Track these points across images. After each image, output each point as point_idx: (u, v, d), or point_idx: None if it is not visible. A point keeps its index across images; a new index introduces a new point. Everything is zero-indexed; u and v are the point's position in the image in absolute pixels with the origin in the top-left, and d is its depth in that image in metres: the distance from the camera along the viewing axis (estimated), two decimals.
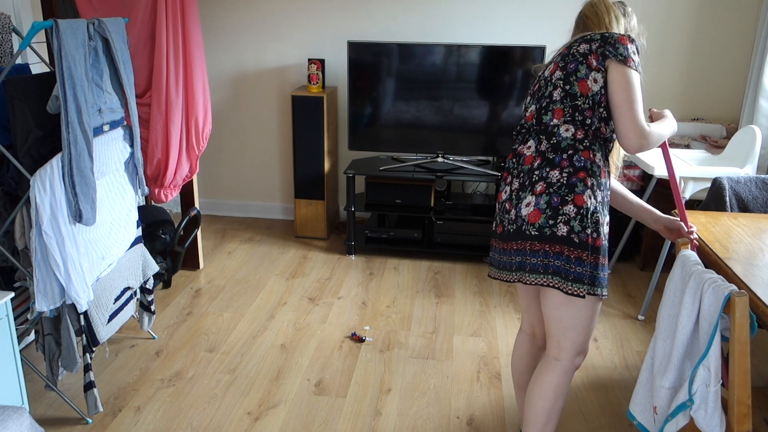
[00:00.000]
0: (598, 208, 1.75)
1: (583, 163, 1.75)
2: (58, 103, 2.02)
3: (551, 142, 1.78)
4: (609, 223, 1.82)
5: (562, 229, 1.72)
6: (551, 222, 1.73)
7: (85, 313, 2.22)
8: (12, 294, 1.97)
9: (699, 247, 1.93)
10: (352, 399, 2.46)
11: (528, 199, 1.77)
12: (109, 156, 2.35)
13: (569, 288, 1.73)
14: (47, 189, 1.99)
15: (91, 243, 2.24)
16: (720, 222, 2.11)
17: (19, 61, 2.68)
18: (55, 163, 2.03)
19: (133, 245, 2.57)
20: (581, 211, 1.72)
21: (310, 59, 3.80)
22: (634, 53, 1.73)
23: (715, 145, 3.52)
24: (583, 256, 1.72)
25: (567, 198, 1.73)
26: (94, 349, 2.29)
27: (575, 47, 1.80)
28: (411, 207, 3.77)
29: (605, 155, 1.82)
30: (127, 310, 2.53)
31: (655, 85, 3.85)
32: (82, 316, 2.21)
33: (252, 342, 2.84)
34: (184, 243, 3.35)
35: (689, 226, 1.94)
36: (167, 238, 3.14)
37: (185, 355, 2.72)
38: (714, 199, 2.48)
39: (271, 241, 4.03)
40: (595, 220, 1.74)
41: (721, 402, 1.55)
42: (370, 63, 3.65)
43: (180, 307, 3.14)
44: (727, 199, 2.44)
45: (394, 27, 3.95)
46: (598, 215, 1.75)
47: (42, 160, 2.10)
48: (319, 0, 3.97)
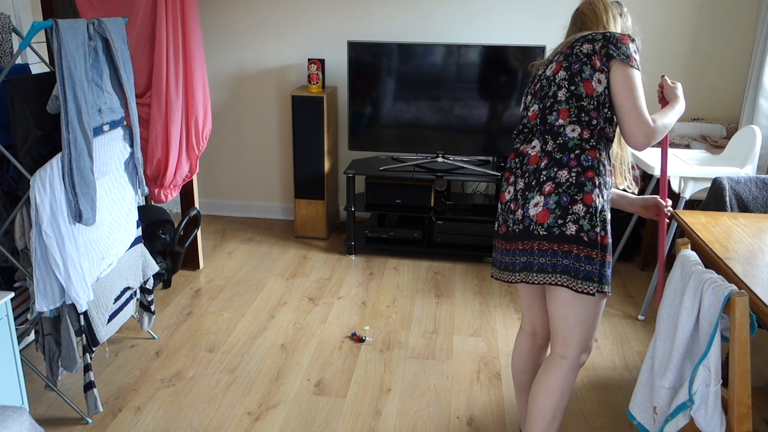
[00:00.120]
0: (605, 207, 1.77)
1: (590, 163, 1.76)
2: (58, 103, 2.02)
3: (557, 142, 1.79)
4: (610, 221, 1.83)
5: (571, 228, 1.73)
6: (560, 221, 1.74)
7: (85, 313, 2.22)
8: (12, 294, 1.97)
9: (699, 246, 1.93)
10: (352, 399, 2.46)
11: (536, 199, 1.78)
12: (109, 156, 2.35)
13: (579, 286, 1.75)
14: (47, 189, 1.99)
15: (91, 243, 2.24)
16: (720, 222, 2.11)
17: (19, 61, 2.68)
18: (55, 163, 2.03)
19: (133, 245, 2.57)
20: (590, 210, 1.73)
21: (310, 59, 3.80)
22: (635, 52, 1.76)
23: (715, 145, 3.52)
24: (592, 254, 1.73)
25: (576, 197, 1.74)
26: (94, 349, 2.29)
27: (578, 47, 1.79)
28: (411, 207, 3.77)
29: (608, 154, 1.83)
30: (127, 310, 2.53)
31: (655, 85, 3.84)
32: (82, 316, 2.21)
33: (252, 342, 2.84)
34: (184, 243, 3.35)
35: (666, 201, 2.01)
36: (167, 238, 3.14)
37: (185, 355, 2.72)
38: (714, 199, 2.48)
39: (271, 241, 4.03)
40: (603, 219, 1.76)
41: (721, 402, 1.55)
42: (370, 63, 3.65)
43: (180, 307, 3.14)
44: (727, 199, 2.44)
45: (394, 27, 3.95)
46: (605, 213, 1.77)
47: (42, 160, 2.10)
48: (319, 0, 3.97)
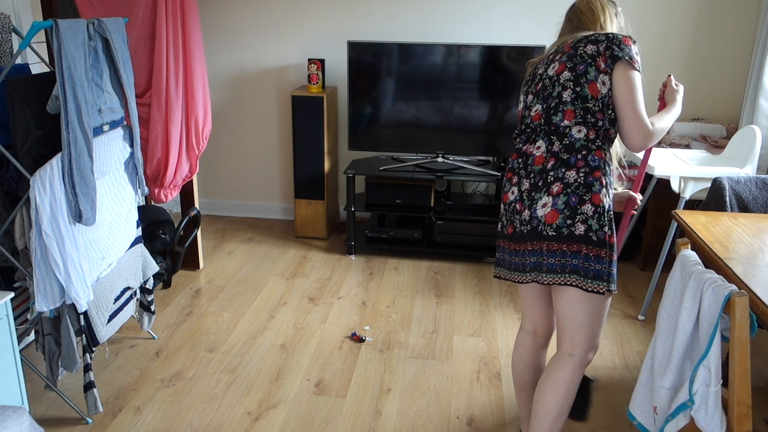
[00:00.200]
0: (611, 206, 1.80)
1: (597, 163, 1.77)
2: (58, 103, 2.02)
3: (564, 142, 1.79)
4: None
5: (580, 228, 1.74)
6: (569, 222, 1.75)
7: (85, 313, 2.22)
8: (12, 294, 1.97)
9: (699, 246, 1.93)
10: (352, 399, 2.46)
11: (544, 199, 1.78)
12: (109, 156, 2.35)
13: (589, 285, 1.76)
14: (47, 189, 1.99)
15: (91, 243, 2.24)
16: (720, 222, 2.11)
17: (19, 61, 2.68)
18: (55, 163, 2.03)
19: (133, 245, 2.57)
20: (598, 210, 1.75)
21: (310, 59, 3.80)
22: (637, 54, 1.77)
23: (715, 145, 3.51)
24: (601, 253, 1.75)
25: (585, 197, 1.75)
26: (94, 349, 2.29)
27: (581, 48, 1.80)
28: (411, 207, 3.77)
29: (611, 154, 1.85)
30: (127, 310, 2.53)
31: (655, 85, 3.84)
32: (82, 316, 2.21)
33: (252, 342, 2.84)
34: (184, 243, 3.35)
35: (637, 194, 2.06)
36: (167, 238, 3.14)
37: (185, 355, 2.72)
38: (714, 199, 2.48)
39: (271, 241, 4.03)
40: (610, 218, 1.77)
41: (722, 402, 1.55)
42: (370, 63, 3.65)
43: (180, 307, 3.14)
44: (727, 199, 2.44)
45: (394, 27, 3.95)
46: (611, 213, 1.79)
47: (42, 160, 2.10)
48: (319, 0, 3.97)
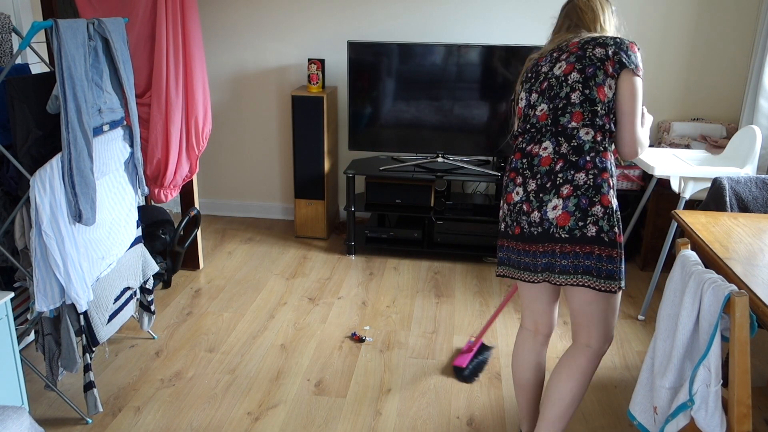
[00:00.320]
0: (618, 206, 1.81)
1: (604, 164, 1.78)
2: (58, 103, 2.02)
3: (572, 144, 1.79)
4: None
5: (592, 230, 1.76)
6: (581, 224, 1.76)
7: (85, 313, 2.22)
8: (12, 294, 1.97)
9: (699, 246, 1.93)
10: (352, 399, 2.46)
11: (554, 202, 1.79)
12: (109, 156, 2.35)
13: (602, 285, 1.78)
14: (47, 189, 1.99)
15: (91, 243, 2.24)
16: (720, 222, 2.11)
17: (19, 61, 2.68)
18: (55, 163, 2.03)
19: (133, 245, 2.57)
20: (608, 211, 1.77)
21: (310, 59, 3.80)
22: (641, 61, 1.79)
23: (715, 145, 3.52)
24: (613, 253, 1.77)
25: (594, 199, 1.76)
26: (93, 349, 2.29)
27: (590, 50, 1.80)
28: (411, 207, 3.77)
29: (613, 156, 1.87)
30: (127, 310, 2.53)
31: (655, 85, 3.85)
32: (81, 316, 2.21)
33: (252, 342, 2.84)
34: (184, 243, 3.35)
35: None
36: (167, 238, 3.14)
37: (185, 355, 2.72)
38: (714, 199, 2.48)
39: (271, 241, 4.03)
40: (618, 218, 1.79)
41: (722, 402, 1.55)
42: (370, 63, 3.65)
43: (180, 307, 3.14)
44: (727, 199, 2.44)
45: (394, 27, 3.95)
46: (619, 212, 1.81)
47: (42, 160, 2.10)
48: (319, 0, 3.97)
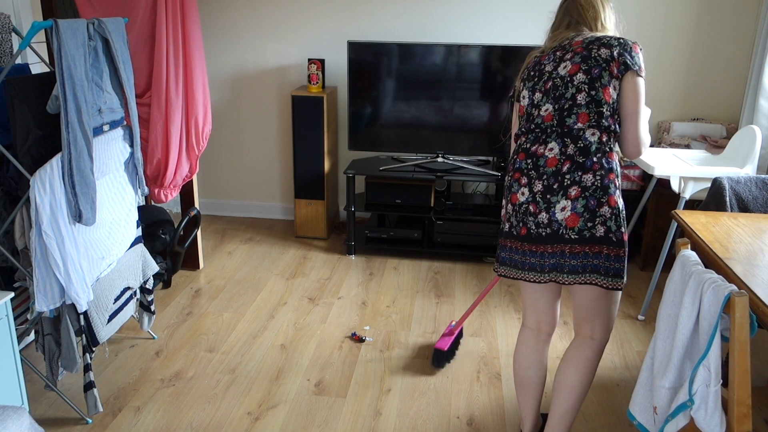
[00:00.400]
0: (624, 206, 1.83)
1: (611, 165, 1.80)
2: (58, 103, 2.02)
3: (578, 145, 1.80)
4: None
5: (600, 230, 1.78)
6: (589, 224, 1.78)
7: (85, 313, 2.22)
8: (12, 294, 1.97)
9: (699, 246, 1.93)
10: (352, 399, 2.46)
11: (562, 203, 1.80)
12: (109, 156, 2.35)
13: (610, 284, 1.82)
14: (47, 189, 1.99)
15: (91, 243, 2.24)
16: (720, 222, 2.11)
17: (19, 61, 2.68)
18: (55, 163, 2.03)
19: (133, 245, 2.57)
20: (614, 211, 1.79)
21: (310, 59, 3.80)
22: (643, 62, 1.80)
23: (715, 145, 3.52)
24: (620, 253, 1.80)
25: (602, 200, 1.78)
26: (94, 349, 2.29)
27: (595, 51, 1.80)
28: (411, 207, 3.77)
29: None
30: (127, 310, 2.53)
31: (655, 85, 3.84)
32: (81, 316, 2.21)
33: (252, 342, 2.84)
34: (184, 243, 3.35)
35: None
36: (167, 238, 3.14)
37: (185, 355, 2.72)
38: (714, 199, 2.48)
39: (271, 241, 4.03)
40: (623, 218, 1.82)
41: (722, 402, 1.55)
42: (370, 63, 3.65)
43: (180, 307, 3.14)
44: (727, 199, 2.44)
45: (394, 27, 3.95)
46: (624, 212, 1.83)
47: (42, 160, 2.10)
48: (319, 0, 3.97)
